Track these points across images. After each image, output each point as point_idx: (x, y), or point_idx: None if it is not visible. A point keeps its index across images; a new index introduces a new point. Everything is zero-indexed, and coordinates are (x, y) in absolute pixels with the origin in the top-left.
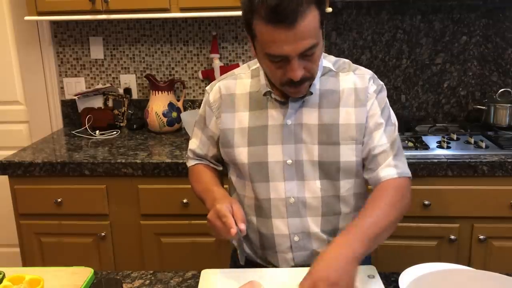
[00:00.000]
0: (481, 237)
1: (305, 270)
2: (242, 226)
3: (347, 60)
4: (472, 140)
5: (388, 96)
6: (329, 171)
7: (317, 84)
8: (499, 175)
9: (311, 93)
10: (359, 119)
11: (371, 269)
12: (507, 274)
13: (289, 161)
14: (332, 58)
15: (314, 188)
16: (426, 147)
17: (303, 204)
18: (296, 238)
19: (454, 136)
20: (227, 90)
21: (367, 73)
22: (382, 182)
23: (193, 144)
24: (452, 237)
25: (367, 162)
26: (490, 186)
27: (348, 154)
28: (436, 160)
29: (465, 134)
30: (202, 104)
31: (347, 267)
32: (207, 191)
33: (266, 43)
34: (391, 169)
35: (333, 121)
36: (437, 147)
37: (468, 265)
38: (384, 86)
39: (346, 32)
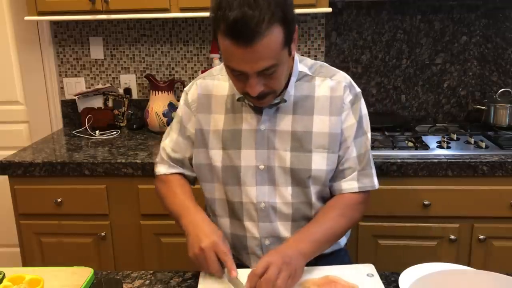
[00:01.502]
0: (481, 237)
1: (305, 270)
2: (235, 273)
3: (324, 64)
4: (472, 140)
5: (388, 96)
6: (300, 178)
7: (292, 90)
8: (499, 175)
9: (285, 101)
10: (332, 128)
11: (370, 268)
12: (507, 274)
13: (262, 166)
14: (309, 61)
15: (285, 194)
16: (426, 147)
17: (273, 210)
18: (267, 242)
19: (454, 136)
20: (204, 90)
21: (344, 80)
22: (341, 194)
23: (167, 147)
24: (452, 237)
25: (335, 171)
26: (490, 186)
27: (319, 163)
28: (436, 160)
29: (465, 134)
30: (179, 105)
31: (296, 258)
32: (183, 207)
33: (225, 56)
34: (354, 183)
35: (307, 129)
36: (437, 147)
37: (468, 265)
38: (360, 94)
39: (346, 32)
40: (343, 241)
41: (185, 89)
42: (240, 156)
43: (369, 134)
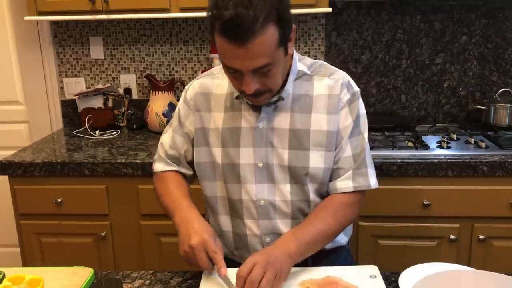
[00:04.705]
0: (481, 237)
1: (306, 270)
2: (224, 271)
3: (324, 63)
4: (472, 140)
5: (388, 96)
6: (297, 176)
7: (290, 89)
8: (499, 175)
9: (283, 99)
10: (330, 126)
11: (373, 269)
12: (507, 274)
13: (260, 164)
14: (308, 60)
15: (284, 192)
16: (426, 147)
17: (273, 207)
18: (267, 239)
19: (454, 136)
20: (203, 88)
21: (342, 78)
22: (335, 194)
23: (166, 143)
24: (452, 237)
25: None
26: (490, 186)
27: (317, 161)
28: (436, 160)
29: (465, 134)
30: (179, 102)
31: (282, 259)
32: (177, 203)
33: (221, 54)
34: (349, 182)
35: (305, 127)
36: (437, 147)
37: (468, 265)
38: (359, 93)
39: (346, 32)
40: (344, 239)
41: (185, 87)
42: (239, 154)
43: (365, 134)
